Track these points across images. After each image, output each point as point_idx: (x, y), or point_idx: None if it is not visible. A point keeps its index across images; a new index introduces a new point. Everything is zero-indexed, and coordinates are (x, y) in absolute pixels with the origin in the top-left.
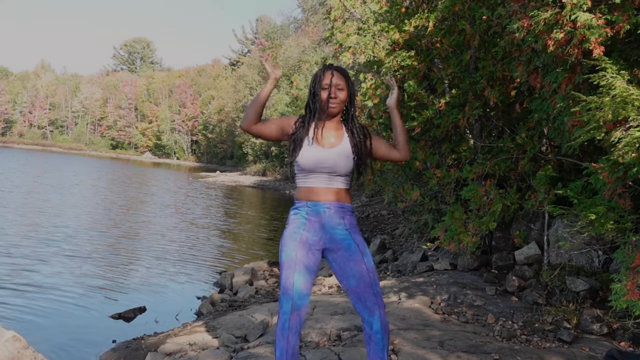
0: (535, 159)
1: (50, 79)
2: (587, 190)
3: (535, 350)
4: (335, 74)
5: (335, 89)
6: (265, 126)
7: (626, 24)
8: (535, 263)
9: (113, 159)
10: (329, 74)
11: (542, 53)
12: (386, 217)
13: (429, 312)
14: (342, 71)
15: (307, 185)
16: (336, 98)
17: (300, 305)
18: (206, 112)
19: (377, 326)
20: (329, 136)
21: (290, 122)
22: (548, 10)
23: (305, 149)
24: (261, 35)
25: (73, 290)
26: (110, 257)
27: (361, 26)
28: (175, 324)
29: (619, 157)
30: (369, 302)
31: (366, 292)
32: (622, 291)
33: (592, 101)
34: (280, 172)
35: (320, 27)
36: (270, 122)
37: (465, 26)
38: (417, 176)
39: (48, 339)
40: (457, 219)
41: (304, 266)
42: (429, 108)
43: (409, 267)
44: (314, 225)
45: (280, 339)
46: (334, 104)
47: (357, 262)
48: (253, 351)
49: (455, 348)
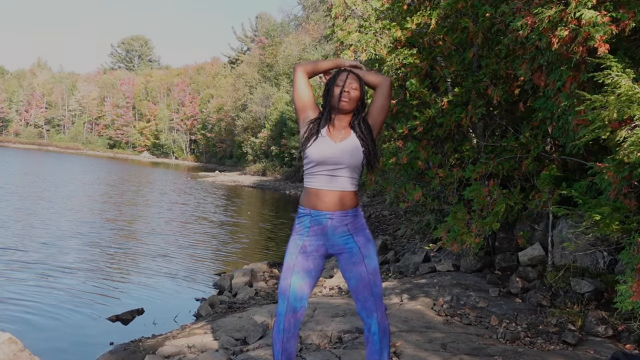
0: (539, 159)
1: (46, 78)
2: (592, 190)
3: (540, 353)
4: (351, 75)
5: (349, 87)
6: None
7: (632, 21)
8: (539, 264)
9: (110, 158)
10: (344, 74)
11: (546, 51)
12: (388, 217)
13: (431, 314)
14: (355, 73)
15: (313, 187)
16: (349, 93)
17: (296, 307)
18: (205, 111)
19: (375, 328)
20: (339, 133)
21: (317, 111)
22: (552, 7)
23: (317, 141)
24: (261, 32)
25: (70, 292)
26: (107, 259)
27: (362, 24)
28: (174, 326)
29: (624, 156)
30: (367, 303)
31: (364, 293)
32: (627, 293)
33: (597, 100)
34: (281, 172)
35: (320, 25)
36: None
37: (468, 24)
38: (419, 176)
39: (45, 341)
40: (459, 220)
41: (302, 269)
42: (431, 107)
43: (411, 268)
44: (316, 232)
45: (277, 341)
46: (346, 99)
47: (357, 264)
48: (253, 353)
49: (458, 350)
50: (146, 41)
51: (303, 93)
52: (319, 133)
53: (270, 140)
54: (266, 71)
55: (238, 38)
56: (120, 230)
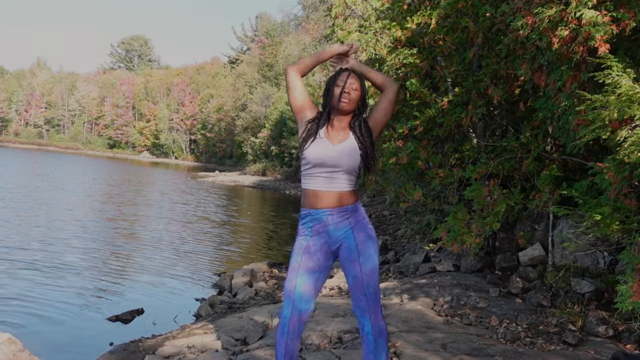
0: (539, 159)
1: (46, 77)
2: (592, 191)
3: (540, 353)
4: (352, 75)
5: (349, 87)
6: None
7: (632, 21)
8: (540, 264)
9: (110, 158)
10: (345, 74)
11: (547, 51)
12: (388, 217)
13: (431, 314)
14: (357, 73)
15: (311, 188)
16: (349, 94)
17: (301, 309)
18: (205, 110)
19: (368, 328)
20: (337, 134)
21: (314, 110)
22: (553, 7)
23: (315, 142)
24: (261, 32)
25: (69, 292)
26: (107, 259)
27: (362, 23)
28: (174, 326)
29: (624, 156)
30: (360, 303)
31: (358, 292)
32: (627, 293)
33: (597, 100)
34: (281, 172)
35: (320, 25)
36: (305, 92)
37: (469, 23)
38: (419, 176)
39: (44, 341)
40: (460, 220)
41: (307, 270)
42: (431, 107)
43: (411, 268)
44: (318, 231)
45: (280, 343)
46: (346, 100)
47: (352, 262)
48: (253, 354)
49: (458, 351)
50: (146, 41)
51: (299, 94)
52: (317, 134)
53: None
54: (266, 71)
55: (238, 38)
56: (120, 230)
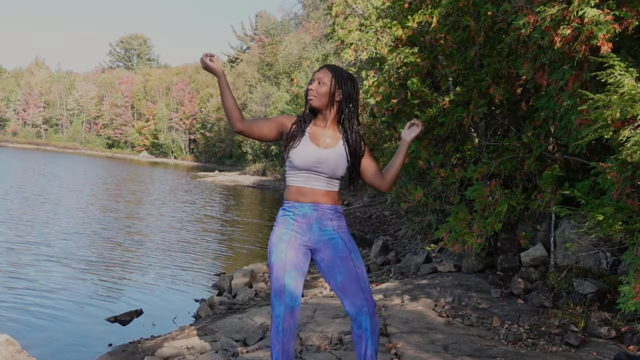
0: (541, 158)
1: (44, 77)
2: (594, 190)
3: (542, 354)
4: (322, 69)
5: (315, 82)
6: (259, 125)
7: (635, 20)
8: (542, 265)
9: (109, 158)
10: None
11: (549, 50)
12: (389, 217)
13: (432, 315)
14: (330, 68)
15: (296, 185)
16: (314, 90)
17: (293, 307)
18: (204, 110)
19: (366, 323)
20: (325, 136)
21: (290, 121)
22: (555, 5)
23: (300, 146)
24: (261, 31)
25: (68, 292)
26: (105, 259)
27: (363, 22)
28: (173, 327)
29: (627, 156)
30: (356, 299)
31: (353, 287)
32: (630, 293)
33: (599, 99)
34: (280, 172)
35: (321, 23)
36: (267, 121)
37: (470, 22)
38: (420, 176)
39: (42, 342)
40: (461, 220)
41: (294, 267)
42: (432, 106)
43: (412, 269)
44: (301, 225)
45: (275, 343)
46: (311, 96)
47: (344, 259)
48: (252, 355)
49: (460, 352)
50: (145, 40)
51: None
52: (304, 133)
53: None
54: (266, 70)
55: (238, 37)
56: (119, 231)
